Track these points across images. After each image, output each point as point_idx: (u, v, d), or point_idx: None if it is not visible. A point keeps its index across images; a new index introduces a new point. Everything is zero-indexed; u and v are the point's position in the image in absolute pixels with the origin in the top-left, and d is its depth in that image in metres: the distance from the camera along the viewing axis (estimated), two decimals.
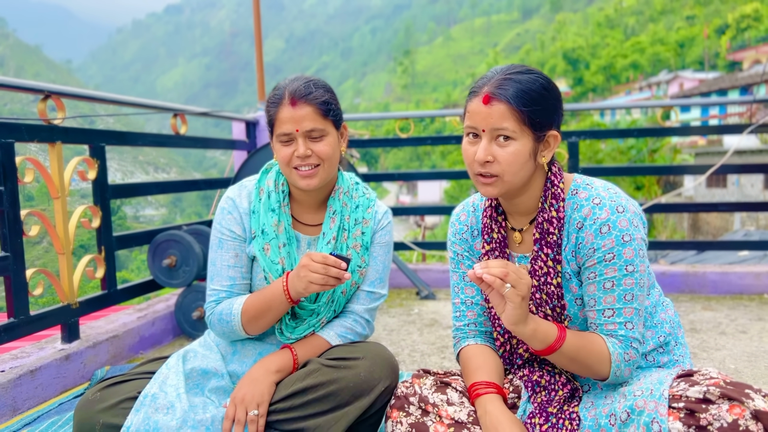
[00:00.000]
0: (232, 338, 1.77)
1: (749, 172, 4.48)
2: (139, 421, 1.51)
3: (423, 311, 3.70)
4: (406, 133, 4.41)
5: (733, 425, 1.15)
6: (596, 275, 1.40)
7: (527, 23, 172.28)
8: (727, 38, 58.31)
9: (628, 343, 1.39)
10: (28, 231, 2.39)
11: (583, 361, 1.39)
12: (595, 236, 1.39)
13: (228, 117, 4.38)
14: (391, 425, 1.50)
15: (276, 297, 1.65)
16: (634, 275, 1.38)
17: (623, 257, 1.37)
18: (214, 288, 1.76)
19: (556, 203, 1.45)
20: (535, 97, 1.37)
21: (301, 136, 1.64)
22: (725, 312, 3.46)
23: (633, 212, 1.40)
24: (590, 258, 1.40)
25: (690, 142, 29.80)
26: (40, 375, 2.35)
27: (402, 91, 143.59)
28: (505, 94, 1.36)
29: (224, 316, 1.70)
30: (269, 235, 1.74)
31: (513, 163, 1.38)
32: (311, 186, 1.69)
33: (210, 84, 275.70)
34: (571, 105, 4.93)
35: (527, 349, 1.55)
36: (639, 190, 21.54)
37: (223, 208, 1.79)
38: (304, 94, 1.64)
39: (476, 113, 1.39)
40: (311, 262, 1.55)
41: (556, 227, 1.44)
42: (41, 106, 2.51)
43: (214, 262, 1.77)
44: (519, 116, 1.35)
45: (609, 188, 1.44)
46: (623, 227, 1.37)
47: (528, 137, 1.38)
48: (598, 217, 1.39)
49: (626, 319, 1.39)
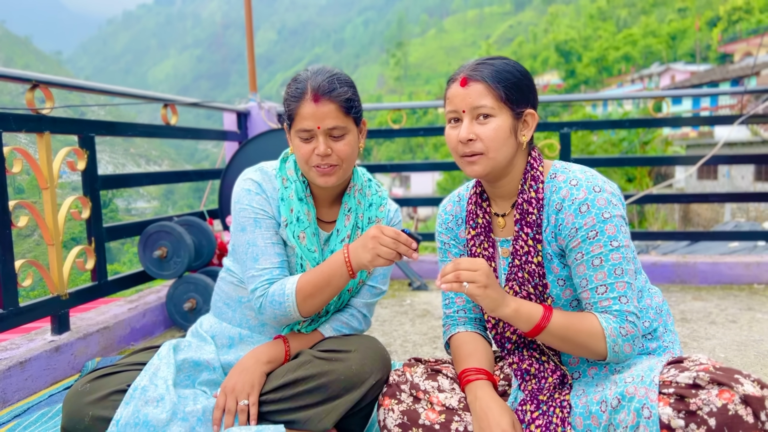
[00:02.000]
0: (284, 322, 1.69)
1: (740, 162, 4.50)
2: (129, 413, 1.49)
3: (415, 302, 3.71)
4: (398, 124, 4.40)
5: (723, 410, 1.15)
6: (583, 254, 1.42)
7: (520, 15, 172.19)
8: (719, 30, 58.41)
9: (624, 317, 1.39)
10: (16, 221, 2.37)
11: (573, 339, 1.39)
12: (575, 216, 1.42)
13: (219, 108, 4.36)
14: (383, 413, 1.51)
15: (336, 270, 1.58)
16: (620, 250, 1.40)
17: (606, 233, 1.40)
18: (264, 267, 1.65)
19: (535, 185, 1.49)
20: (509, 76, 1.45)
21: (322, 133, 1.60)
22: (715, 302, 3.49)
23: (610, 192, 1.43)
24: (573, 238, 1.43)
25: (681, 135, 29.92)
26: (29, 367, 2.34)
27: (394, 83, 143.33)
28: (481, 74, 1.45)
29: (277, 297, 1.61)
30: (304, 223, 1.70)
31: (495, 139, 1.44)
32: (329, 183, 1.65)
33: (201, 76, 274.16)
34: (563, 96, 4.93)
35: (515, 331, 1.56)
36: (630, 181, 21.60)
37: (248, 189, 1.70)
38: (327, 90, 1.58)
39: (455, 96, 1.47)
40: (382, 235, 1.49)
41: (535, 207, 1.48)
42: (29, 96, 2.48)
43: (254, 242, 1.66)
44: (496, 93, 1.43)
45: (586, 171, 1.48)
46: (601, 205, 1.40)
47: (506, 114, 1.45)
48: (576, 197, 1.43)
49: (620, 293, 1.40)
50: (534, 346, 1.57)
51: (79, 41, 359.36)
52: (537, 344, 1.56)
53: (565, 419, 1.42)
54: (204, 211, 3.87)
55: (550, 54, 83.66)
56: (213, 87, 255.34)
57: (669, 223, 22.84)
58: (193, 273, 3.23)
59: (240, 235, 1.70)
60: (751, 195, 4.85)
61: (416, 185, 46.75)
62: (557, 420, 1.42)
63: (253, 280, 1.66)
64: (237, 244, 1.71)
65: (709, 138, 26.87)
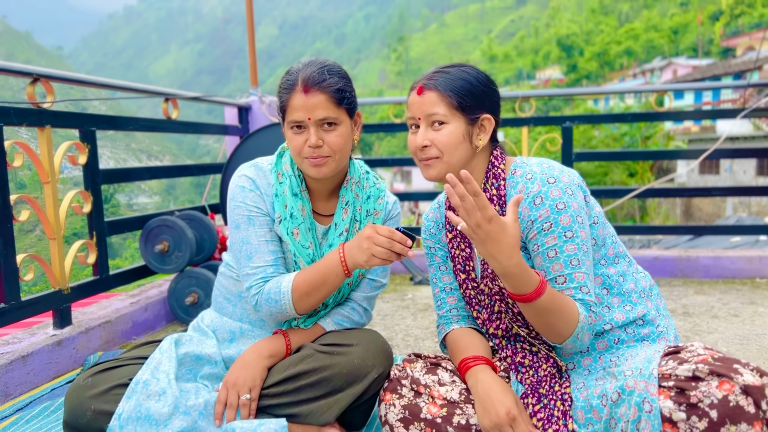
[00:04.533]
0: (280, 319, 1.71)
1: (742, 156, 4.49)
2: (131, 408, 1.50)
3: (417, 296, 3.71)
4: (400, 118, 4.39)
5: (724, 401, 1.15)
6: (539, 246, 1.44)
7: (521, 9, 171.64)
8: (721, 25, 58.20)
9: (588, 307, 1.42)
10: (17, 216, 2.37)
11: (555, 314, 1.37)
12: (530, 209, 1.45)
13: (220, 102, 4.35)
14: (385, 408, 1.51)
15: (331, 269, 1.59)
16: (575, 240, 1.42)
17: (560, 224, 1.42)
18: (257, 265, 1.66)
19: (496, 182, 1.54)
20: (463, 84, 1.50)
21: (313, 124, 1.59)
22: (717, 296, 3.48)
23: (566, 182, 1.45)
24: (530, 230, 1.45)
25: (683, 129, 29.87)
26: (31, 361, 2.35)
27: (396, 78, 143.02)
28: (435, 83, 1.51)
29: (273, 295, 1.62)
30: (298, 219, 1.69)
31: (448, 144, 1.49)
32: (321, 174, 1.64)
33: (202, 71, 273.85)
34: (564, 90, 4.93)
35: (498, 326, 1.59)
36: (632, 176, 21.57)
37: (242, 186, 1.69)
38: (317, 81, 1.58)
39: (413, 104, 1.55)
40: (376, 235, 1.51)
41: (496, 203, 1.52)
42: (30, 90, 2.48)
43: (248, 240, 1.67)
44: (448, 101, 1.49)
45: (543, 163, 1.51)
46: (555, 196, 1.43)
47: (460, 120, 1.50)
48: (531, 190, 1.46)
49: (579, 283, 1.42)
50: (521, 338, 1.58)
51: (80, 36, 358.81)
52: (523, 336, 1.57)
53: (566, 412, 1.42)
54: (205, 206, 3.87)
55: (551, 48, 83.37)
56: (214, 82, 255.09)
57: (671, 217, 22.82)
58: (195, 267, 3.23)
59: (235, 232, 1.70)
60: (753, 189, 4.84)
61: (417, 180, 46.64)
62: (558, 413, 1.42)
63: (248, 278, 1.67)
64: (232, 241, 1.72)
65: (711, 133, 26.80)
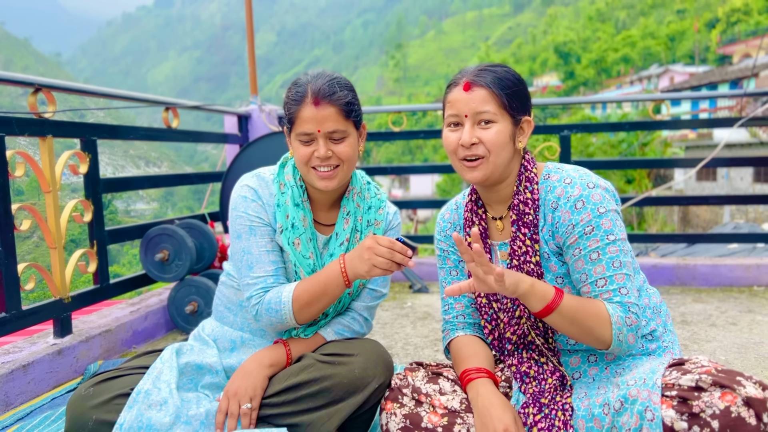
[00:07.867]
0: (280, 329, 1.72)
1: (739, 165, 4.52)
2: (132, 417, 1.50)
3: (416, 304, 3.71)
4: (398, 126, 4.40)
5: (725, 412, 1.16)
6: (581, 250, 1.44)
7: (519, 17, 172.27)
8: (718, 32, 58.43)
9: (627, 308, 1.41)
10: (19, 225, 2.37)
11: (582, 322, 1.39)
12: (572, 213, 1.44)
13: (220, 110, 4.37)
14: (386, 417, 1.51)
15: (332, 280, 1.60)
16: (617, 243, 1.43)
17: (602, 228, 1.42)
18: (258, 275, 1.67)
19: (530, 185, 1.52)
20: (510, 84, 1.48)
21: (322, 137, 1.61)
22: (715, 304, 3.49)
23: (604, 188, 1.46)
24: (571, 235, 1.45)
25: (680, 136, 29.91)
26: (32, 370, 2.35)
27: (394, 85, 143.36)
28: (484, 80, 1.47)
29: (273, 305, 1.63)
30: (299, 229, 1.70)
31: (496, 143, 1.47)
32: (329, 187, 1.66)
33: (201, 78, 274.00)
34: (563, 99, 4.95)
35: (514, 332, 1.58)
36: (630, 183, 21.61)
37: (244, 196, 1.71)
38: (327, 93, 1.59)
39: (458, 100, 1.49)
40: (377, 245, 1.51)
41: (531, 207, 1.51)
42: (32, 100, 2.49)
43: (249, 250, 1.68)
44: (498, 100, 1.46)
45: (578, 169, 1.51)
46: (597, 200, 1.43)
47: (507, 120, 1.48)
48: (572, 194, 1.45)
49: (619, 285, 1.42)
50: (533, 347, 1.58)
51: (79, 43, 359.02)
52: (536, 345, 1.57)
53: (567, 422, 1.42)
54: (205, 214, 3.88)
55: (549, 55, 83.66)
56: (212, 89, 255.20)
57: (668, 224, 22.85)
58: (195, 276, 3.23)
59: (236, 242, 1.71)
60: (750, 197, 4.86)
61: (415, 187, 46.69)
62: (559, 423, 1.43)
63: (248, 287, 1.68)
64: (234, 250, 1.73)
65: (708, 139, 26.87)
